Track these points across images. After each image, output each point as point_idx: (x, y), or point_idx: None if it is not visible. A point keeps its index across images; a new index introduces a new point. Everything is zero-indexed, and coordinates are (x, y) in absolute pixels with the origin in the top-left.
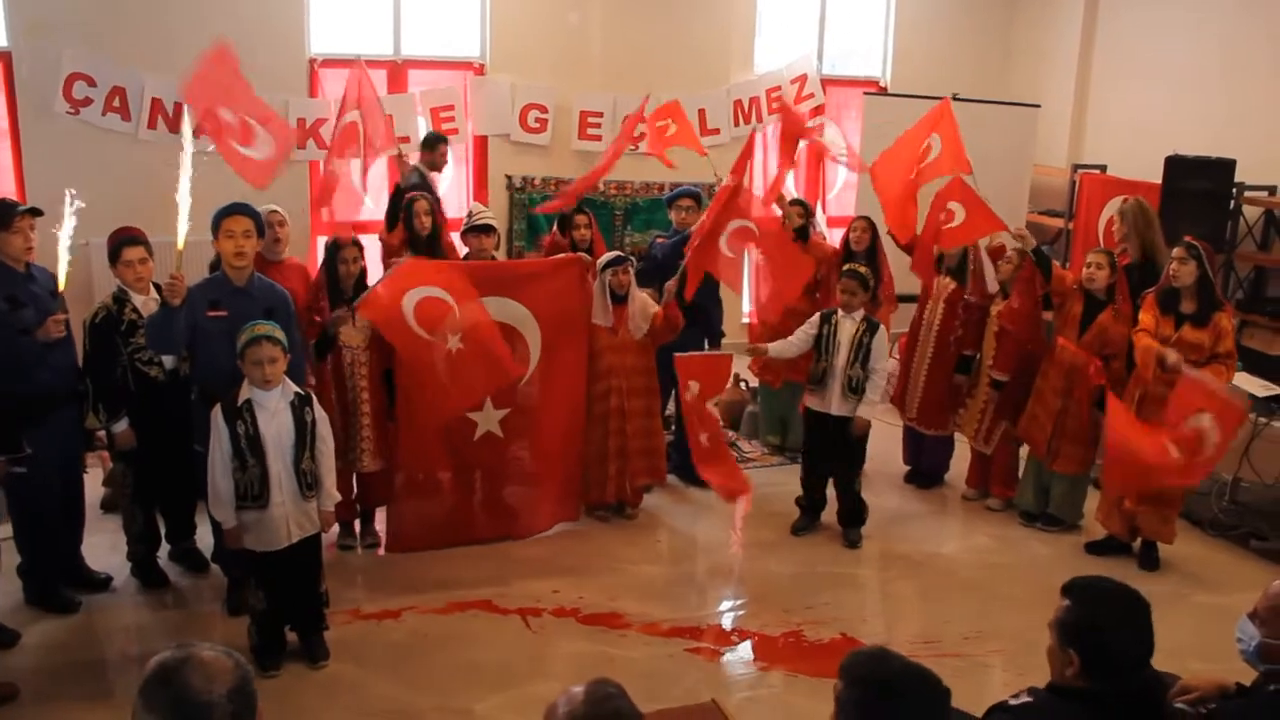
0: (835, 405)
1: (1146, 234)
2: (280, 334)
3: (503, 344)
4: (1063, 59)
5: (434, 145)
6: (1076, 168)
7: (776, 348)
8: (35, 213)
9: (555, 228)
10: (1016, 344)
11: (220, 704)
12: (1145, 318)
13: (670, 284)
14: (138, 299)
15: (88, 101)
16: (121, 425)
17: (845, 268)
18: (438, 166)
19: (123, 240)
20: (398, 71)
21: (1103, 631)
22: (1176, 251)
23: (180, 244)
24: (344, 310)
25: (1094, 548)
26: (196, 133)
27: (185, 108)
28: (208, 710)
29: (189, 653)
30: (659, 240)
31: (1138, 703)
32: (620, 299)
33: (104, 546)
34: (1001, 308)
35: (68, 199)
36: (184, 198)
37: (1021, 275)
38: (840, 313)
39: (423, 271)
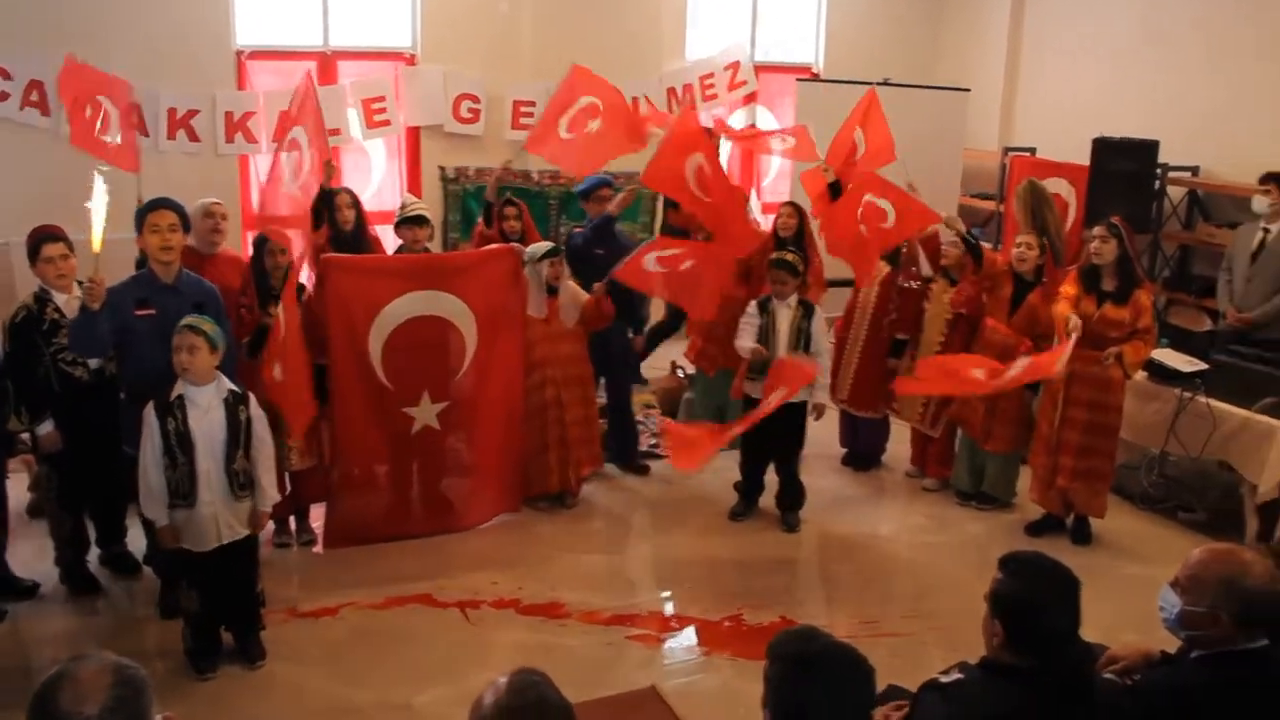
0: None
1: (1041, 212)
2: (209, 327)
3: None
4: (992, 43)
5: None
6: (1007, 150)
7: (751, 344)
8: None
9: (481, 219)
10: (970, 329)
11: None
12: (1068, 289)
13: (599, 286)
14: (60, 298)
15: (4, 96)
16: (46, 427)
17: (773, 258)
18: None
19: (42, 237)
20: (327, 63)
21: (1030, 606)
22: (1097, 230)
23: (96, 245)
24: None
25: (1032, 528)
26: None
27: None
28: None
29: (65, 669)
30: (576, 231)
31: (1067, 676)
32: (553, 290)
33: (31, 552)
34: (954, 295)
35: None
36: (99, 197)
37: (968, 261)
38: (775, 301)
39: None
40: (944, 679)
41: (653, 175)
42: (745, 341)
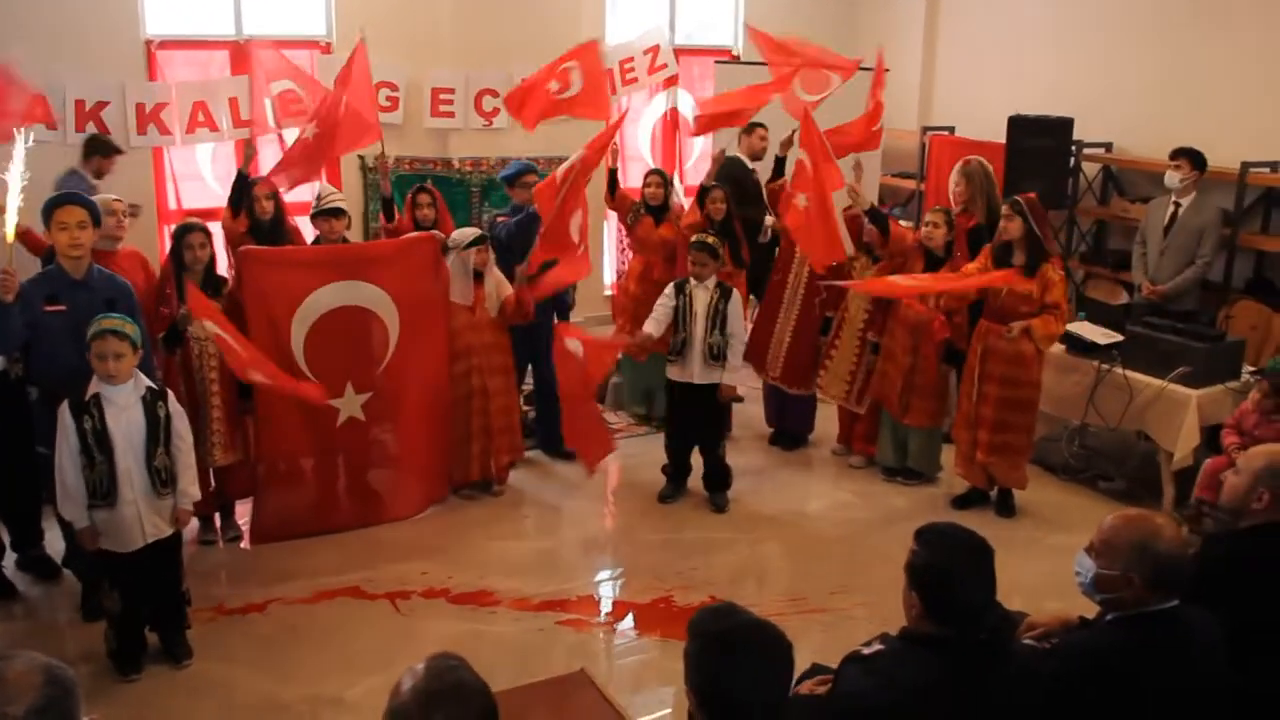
0: (698, 374)
1: (991, 193)
2: (130, 329)
3: (289, 382)
4: (910, 23)
5: (107, 153)
6: (926, 130)
7: (648, 328)
8: None
9: (382, 215)
10: (890, 304)
11: None
12: (970, 266)
13: (521, 268)
14: None
15: None
16: None
17: (693, 239)
18: (104, 174)
19: None
20: (240, 52)
21: (944, 576)
22: (1004, 209)
23: (10, 236)
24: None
25: (958, 501)
26: None
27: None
28: None
29: None
30: (500, 220)
31: (985, 643)
32: (478, 277)
33: None
34: (873, 272)
35: None
36: (14, 187)
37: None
38: (693, 282)
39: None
40: (865, 650)
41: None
42: (648, 324)
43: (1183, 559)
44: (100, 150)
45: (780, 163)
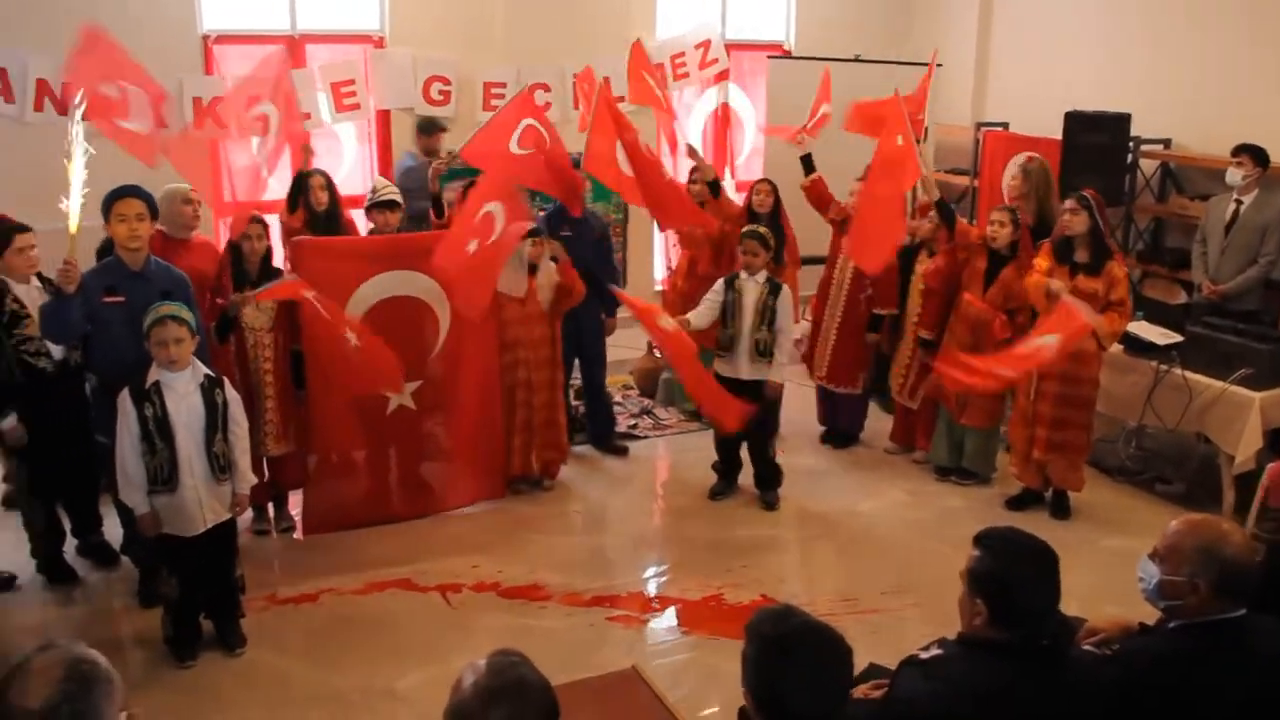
0: (745, 370)
1: (1045, 198)
2: (186, 314)
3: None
4: (964, 18)
5: (430, 131)
6: (979, 125)
7: (693, 319)
8: None
9: (432, 211)
10: (942, 302)
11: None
12: (1040, 262)
13: (564, 259)
14: (19, 289)
15: None
16: (10, 421)
17: (745, 229)
18: (434, 151)
19: (14, 227)
20: (295, 46)
21: (1010, 582)
22: (1069, 203)
23: (74, 228)
24: (247, 292)
25: (1012, 503)
26: (86, 116)
27: (76, 89)
28: None
29: (23, 661)
30: (540, 212)
31: (1047, 650)
32: (532, 270)
33: (7, 544)
34: (927, 266)
35: None
36: (77, 180)
37: (942, 234)
38: (743, 275)
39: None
40: (923, 654)
41: (589, 163)
42: (692, 314)
43: (1250, 566)
44: (425, 130)
45: (808, 159)
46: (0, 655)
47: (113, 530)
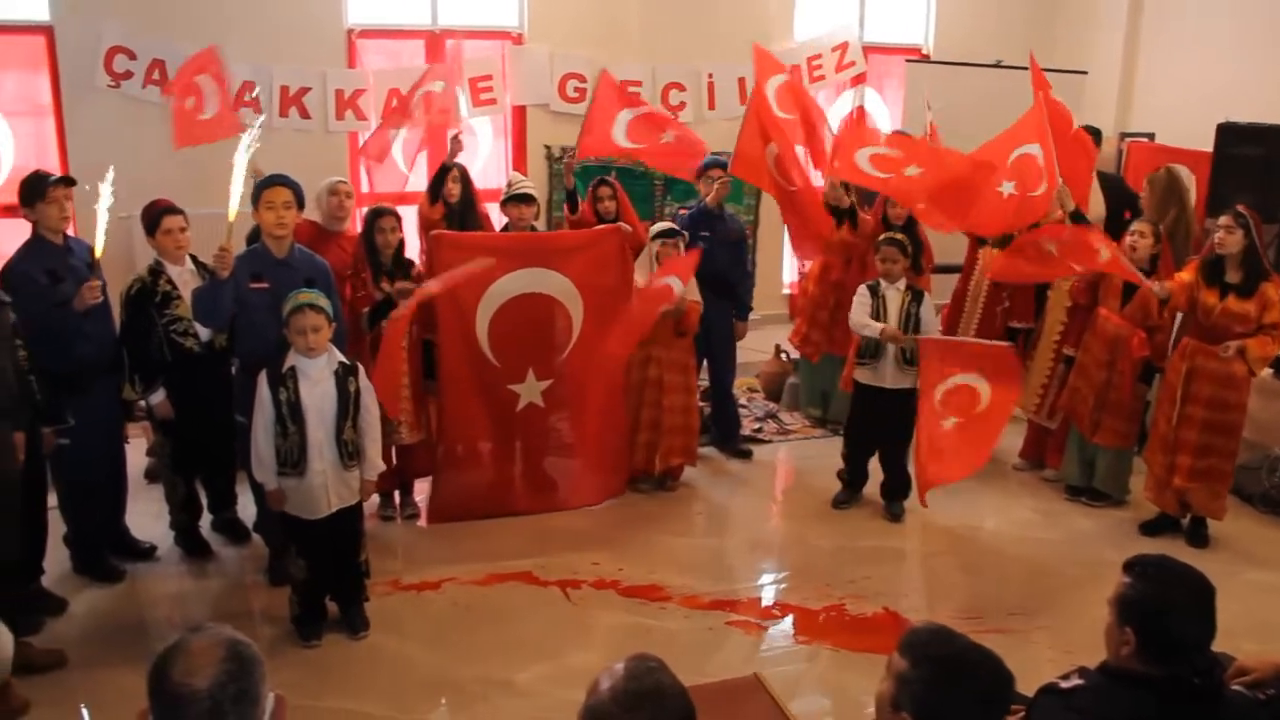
0: (890, 378)
1: (1180, 209)
2: (324, 302)
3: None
4: (1111, 24)
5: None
6: (1124, 136)
7: (865, 324)
8: (68, 182)
9: (567, 206)
10: (1087, 317)
11: (196, 698)
12: (1184, 275)
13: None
14: (173, 270)
15: (128, 75)
16: (158, 396)
17: (883, 237)
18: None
19: (164, 210)
20: (435, 42)
21: (1164, 613)
22: (1223, 220)
23: (232, 216)
24: (408, 283)
25: (1147, 528)
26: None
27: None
28: (182, 703)
29: (180, 641)
30: (681, 212)
31: (1200, 688)
32: None
33: (148, 516)
34: (1074, 282)
35: (110, 174)
36: (239, 168)
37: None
38: (884, 284)
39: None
40: (1063, 684)
41: (737, 166)
42: (862, 317)
43: None
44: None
45: None
46: (140, 622)
47: (247, 509)
